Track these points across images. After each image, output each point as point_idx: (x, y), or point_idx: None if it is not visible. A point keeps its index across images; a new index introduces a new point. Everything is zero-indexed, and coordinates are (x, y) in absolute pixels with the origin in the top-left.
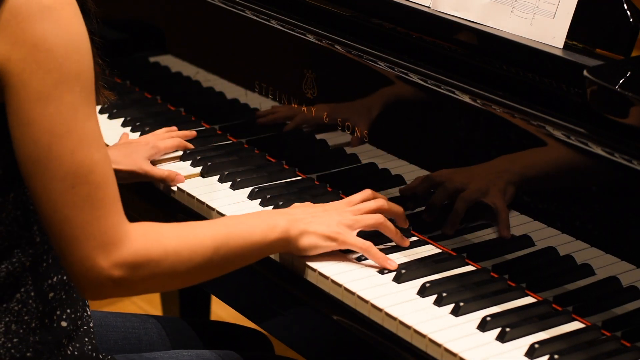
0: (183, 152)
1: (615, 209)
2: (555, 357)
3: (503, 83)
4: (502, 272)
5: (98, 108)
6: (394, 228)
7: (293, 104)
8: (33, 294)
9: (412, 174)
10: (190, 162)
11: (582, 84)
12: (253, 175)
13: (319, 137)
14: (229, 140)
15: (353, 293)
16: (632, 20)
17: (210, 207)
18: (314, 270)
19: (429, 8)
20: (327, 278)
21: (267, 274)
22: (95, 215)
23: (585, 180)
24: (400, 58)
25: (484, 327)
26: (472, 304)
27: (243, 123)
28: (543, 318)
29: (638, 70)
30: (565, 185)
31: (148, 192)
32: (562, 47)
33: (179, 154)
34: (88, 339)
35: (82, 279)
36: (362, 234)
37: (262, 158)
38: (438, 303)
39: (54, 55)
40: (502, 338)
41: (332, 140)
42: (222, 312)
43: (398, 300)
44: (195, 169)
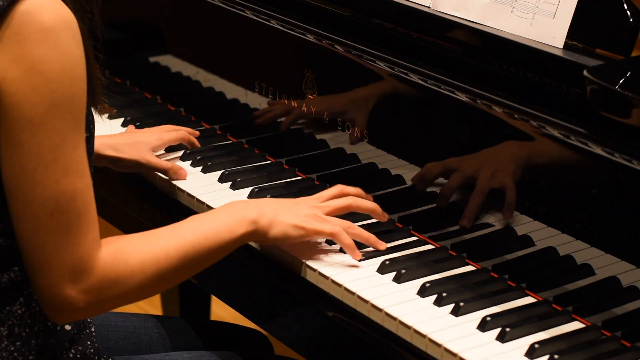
0: (183, 152)
1: (615, 209)
2: (555, 357)
3: (503, 83)
4: (502, 272)
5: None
6: (367, 233)
7: (293, 104)
8: (36, 298)
9: (412, 174)
10: (190, 162)
11: (582, 84)
12: (253, 175)
13: (319, 137)
14: (229, 140)
15: (353, 293)
16: (632, 20)
17: (210, 207)
18: (314, 270)
19: (429, 8)
20: (327, 278)
21: (267, 274)
22: (71, 243)
23: (585, 180)
24: (400, 58)
25: (484, 327)
26: (472, 304)
27: (243, 123)
28: (543, 318)
29: (638, 70)
30: (565, 185)
31: (148, 192)
32: (562, 47)
33: (179, 154)
34: (90, 342)
35: (49, 304)
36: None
37: (262, 158)
38: (438, 303)
39: (49, 80)
40: (502, 338)
41: (332, 140)
42: (222, 312)
43: (398, 300)
44: (196, 169)
